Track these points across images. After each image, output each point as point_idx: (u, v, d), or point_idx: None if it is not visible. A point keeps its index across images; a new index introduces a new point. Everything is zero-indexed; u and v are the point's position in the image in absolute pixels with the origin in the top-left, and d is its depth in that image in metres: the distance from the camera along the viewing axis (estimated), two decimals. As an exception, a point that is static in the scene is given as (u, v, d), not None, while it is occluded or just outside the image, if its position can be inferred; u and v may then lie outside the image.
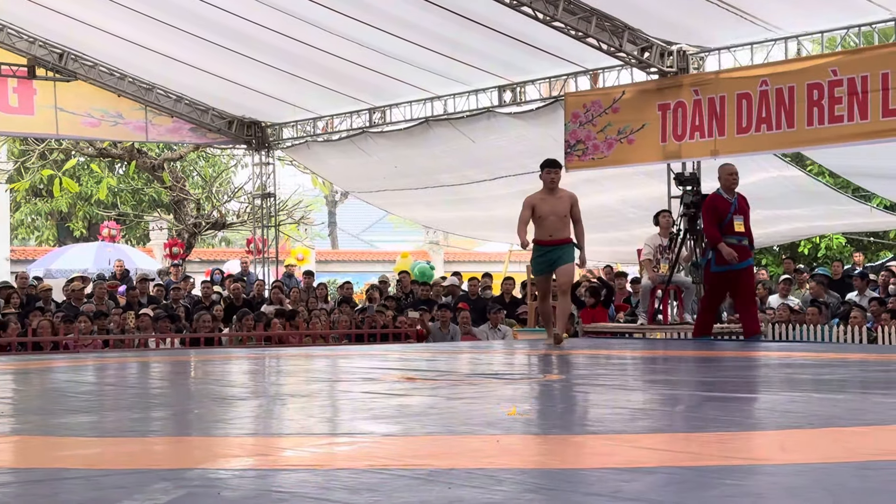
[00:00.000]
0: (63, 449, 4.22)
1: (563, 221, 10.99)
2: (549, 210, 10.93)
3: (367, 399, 5.98)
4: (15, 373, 8.95)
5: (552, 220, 10.93)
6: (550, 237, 10.96)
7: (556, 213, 10.93)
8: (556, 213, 10.93)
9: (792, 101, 13.70)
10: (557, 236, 10.98)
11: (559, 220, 10.96)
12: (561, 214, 10.96)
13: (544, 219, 10.95)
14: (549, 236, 10.96)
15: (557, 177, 11.08)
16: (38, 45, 19.52)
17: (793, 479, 3.28)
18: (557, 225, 10.96)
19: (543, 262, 11.07)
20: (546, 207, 10.94)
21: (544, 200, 10.97)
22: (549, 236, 10.96)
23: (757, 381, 6.96)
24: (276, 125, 21.92)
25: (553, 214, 10.93)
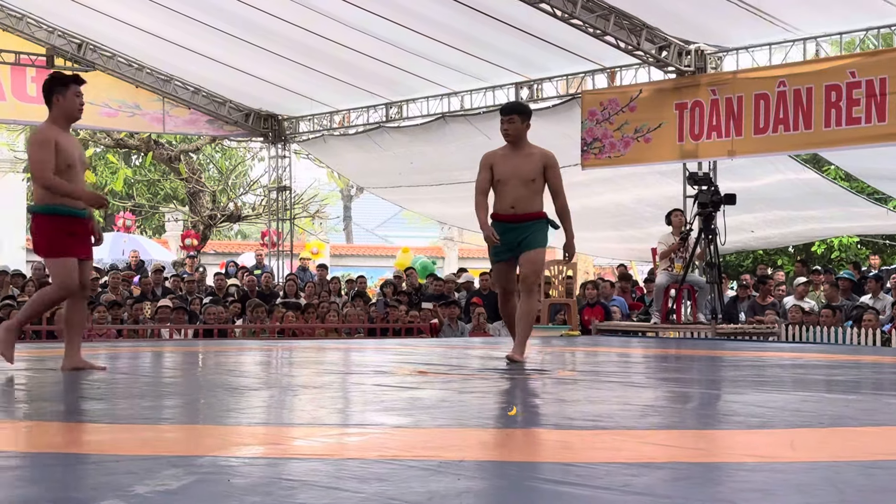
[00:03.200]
0: (75, 435, 4.25)
1: (529, 188, 7.93)
2: (510, 171, 7.93)
3: (378, 391, 5.99)
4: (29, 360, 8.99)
5: (514, 186, 7.93)
6: (513, 209, 7.94)
7: (520, 176, 7.91)
8: (520, 176, 7.91)
9: (809, 103, 13.67)
10: (522, 209, 7.94)
11: (524, 185, 7.92)
12: (527, 178, 7.92)
13: (504, 183, 7.95)
14: (510, 208, 7.95)
15: (513, 127, 8.00)
16: (57, 35, 19.59)
17: (801, 476, 3.28)
18: (522, 192, 7.93)
19: (503, 245, 7.96)
20: (506, 167, 7.95)
21: (506, 159, 7.99)
22: (510, 208, 7.95)
23: (768, 381, 6.95)
24: (292, 118, 21.95)
25: (516, 177, 7.92)
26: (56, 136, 6.87)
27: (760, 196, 16.91)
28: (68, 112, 7.02)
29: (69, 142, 7.00)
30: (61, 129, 6.98)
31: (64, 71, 7.20)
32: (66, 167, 6.85)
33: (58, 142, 6.85)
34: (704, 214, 13.42)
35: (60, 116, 7.01)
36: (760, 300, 15.91)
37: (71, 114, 7.03)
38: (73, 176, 6.93)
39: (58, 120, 7.01)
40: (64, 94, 6.99)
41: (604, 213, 19.45)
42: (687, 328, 13.92)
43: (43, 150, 6.82)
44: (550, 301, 15.01)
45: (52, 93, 7.01)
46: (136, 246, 25.09)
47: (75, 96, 7.02)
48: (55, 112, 7.00)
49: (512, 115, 8.03)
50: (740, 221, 16.20)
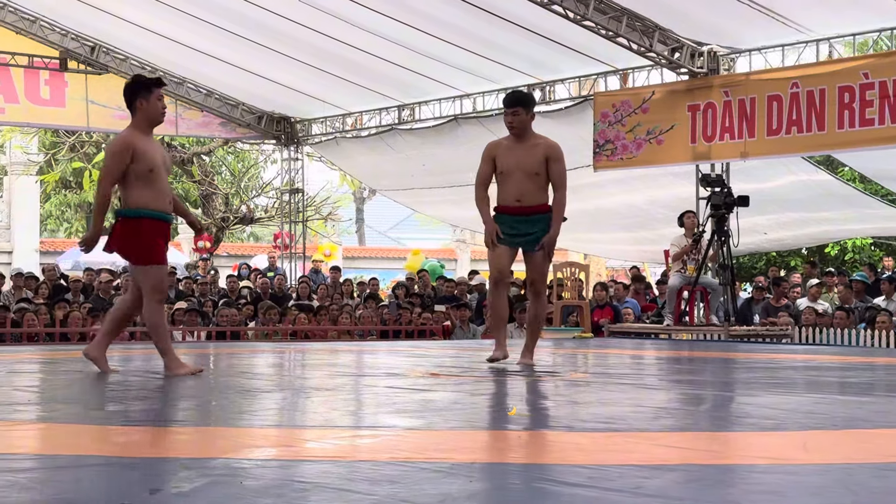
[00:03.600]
0: (88, 437, 4.25)
1: (535, 182, 7.66)
2: (513, 163, 7.66)
3: (390, 393, 5.99)
4: (41, 362, 9.02)
5: (519, 179, 7.65)
6: (518, 202, 7.68)
7: (525, 169, 7.64)
8: (525, 169, 7.64)
9: (823, 104, 13.65)
10: (529, 202, 7.67)
11: (529, 178, 7.65)
12: (531, 171, 7.64)
13: (508, 176, 7.69)
14: (515, 201, 7.69)
15: (517, 119, 7.71)
16: (70, 38, 19.64)
17: (814, 478, 3.28)
18: (527, 185, 7.65)
19: (508, 234, 7.74)
20: (510, 159, 7.68)
21: (509, 150, 7.71)
22: (515, 201, 7.69)
23: (781, 383, 6.94)
24: (305, 121, 21.97)
25: (520, 170, 7.64)
26: (136, 143, 6.81)
27: (773, 198, 16.88)
28: (152, 116, 6.95)
29: (151, 147, 6.93)
30: (143, 135, 6.91)
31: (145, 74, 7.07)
32: (148, 171, 6.80)
33: (137, 148, 6.79)
34: (717, 216, 13.41)
35: (143, 121, 6.93)
36: (774, 302, 15.88)
37: (154, 118, 6.96)
38: (156, 179, 6.88)
39: (140, 125, 6.93)
40: (148, 99, 6.90)
41: (616, 214, 19.44)
42: (700, 330, 13.91)
43: (113, 160, 6.81)
44: (563, 303, 14.99)
45: (136, 97, 6.93)
46: (149, 248, 25.06)
47: (158, 100, 6.96)
48: (139, 117, 6.93)
49: (516, 107, 7.72)
50: (753, 223, 16.17)
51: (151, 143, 7.00)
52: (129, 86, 7.03)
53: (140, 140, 6.86)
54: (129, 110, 7.00)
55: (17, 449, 3.98)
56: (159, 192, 6.92)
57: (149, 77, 7.11)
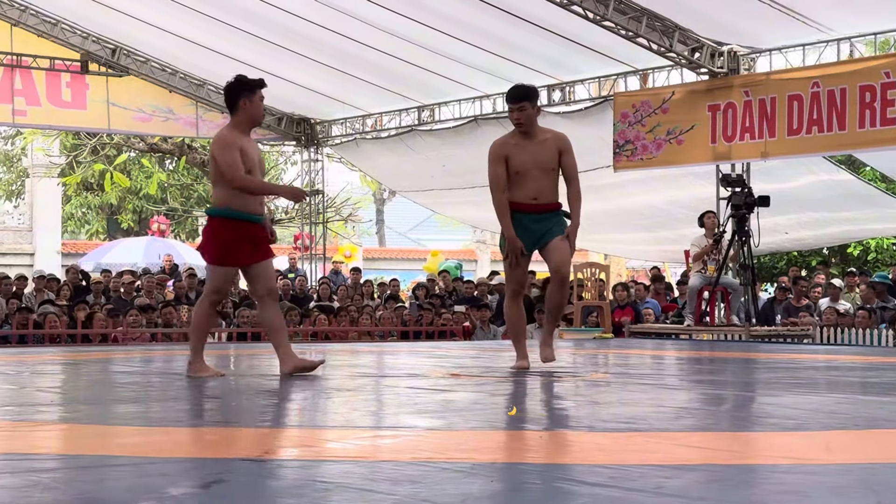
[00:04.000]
0: (110, 437, 4.27)
1: (550, 178, 7.44)
2: (528, 161, 7.36)
3: (411, 394, 6.00)
4: (65, 364, 9.06)
5: (535, 177, 7.36)
6: (535, 200, 7.39)
7: (541, 166, 7.37)
8: (541, 166, 7.37)
9: (843, 103, 13.60)
10: (545, 199, 7.42)
11: (545, 175, 7.40)
12: (547, 167, 7.39)
13: (524, 175, 7.37)
14: (532, 199, 7.39)
15: (524, 115, 7.39)
16: (92, 41, 19.71)
17: (837, 478, 3.27)
18: (544, 183, 7.40)
19: (526, 239, 7.41)
20: (524, 157, 7.37)
21: (520, 148, 7.38)
22: (532, 199, 7.39)
23: (803, 383, 6.92)
24: (325, 122, 21.99)
25: (536, 168, 7.36)
26: (239, 141, 6.78)
27: (794, 197, 16.83)
28: (254, 117, 6.91)
29: (250, 146, 6.90)
30: (242, 134, 6.89)
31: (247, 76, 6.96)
32: (246, 173, 6.77)
33: (242, 146, 6.77)
34: (738, 216, 13.38)
35: (245, 121, 6.90)
36: (795, 302, 15.84)
37: (256, 118, 6.94)
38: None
39: (241, 124, 6.90)
40: (251, 99, 6.86)
41: (636, 214, 19.41)
42: (720, 330, 13.88)
43: (230, 153, 6.73)
44: (583, 303, 14.98)
45: (239, 97, 6.87)
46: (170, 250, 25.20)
47: (260, 101, 6.92)
48: (240, 116, 6.88)
49: (522, 102, 7.37)
50: (774, 223, 16.12)
51: (251, 143, 6.96)
52: (232, 85, 6.97)
53: (241, 139, 6.83)
54: (230, 109, 6.94)
55: (41, 449, 4.01)
56: (244, 199, 6.84)
57: (252, 79, 7.01)
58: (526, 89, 7.52)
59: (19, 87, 19.55)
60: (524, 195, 7.37)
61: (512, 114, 7.43)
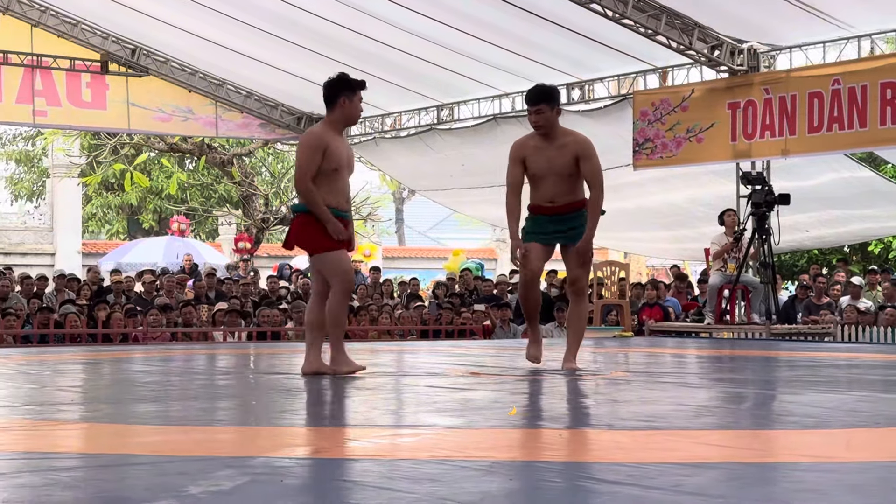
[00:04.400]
0: (130, 436, 4.28)
1: (568, 182, 7.25)
2: (544, 165, 7.21)
3: (431, 392, 6.00)
4: (85, 363, 9.09)
5: (552, 182, 7.23)
6: (552, 204, 7.29)
7: (557, 171, 7.21)
8: (557, 171, 7.21)
9: (864, 101, 13.55)
10: (562, 201, 7.28)
11: (562, 180, 7.23)
12: (563, 173, 7.21)
13: (541, 178, 7.27)
14: (549, 202, 7.29)
15: (542, 118, 7.20)
16: (111, 41, 19.77)
17: (857, 476, 3.25)
18: (561, 188, 7.25)
19: (542, 232, 7.38)
20: (541, 162, 7.22)
21: (538, 151, 7.23)
22: (549, 202, 7.29)
23: (823, 381, 6.90)
24: (344, 121, 21.97)
25: (552, 173, 7.21)
26: (329, 140, 6.77)
27: (815, 195, 16.78)
28: (350, 116, 6.91)
29: (340, 145, 6.88)
30: (335, 133, 6.88)
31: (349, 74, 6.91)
32: (333, 171, 6.76)
33: (329, 145, 6.75)
34: (758, 214, 13.34)
35: (340, 120, 6.89)
36: (816, 300, 15.78)
37: (351, 119, 6.94)
38: (339, 178, 6.83)
39: (335, 123, 6.89)
40: (351, 99, 6.85)
41: (656, 213, 19.37)
42: (741, 329, 13.84)
43: (311, 154, 6.74)
44: (603, 302, 14.96)
45: (339, 94, 6.85)
46: (190, 249, 25.27)
47: (359, 101, 6.91)
48: (336, 114, 6.87)
49: (539, 104, 7.17)
50: (795, 221, 16.08)
51: (342, 141, 6.95)
52: (334, 82, 6.94)
53: (332, 137, 6.82)
54: (327, 105, 6.92)
55: (61, 448, 4.02)
56: (338, 191, 6.84)
57: (354, 79, 6.98)
58: (544, 91, 7.31)
59: (40, 87, 19.62)
60: (541, 198, 7.32)
61: (530, 116, 7.28)
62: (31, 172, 37.67)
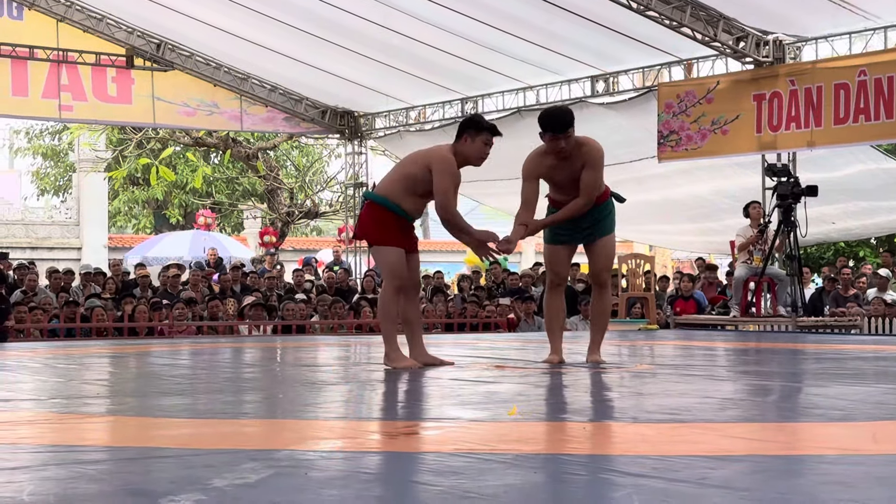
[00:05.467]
0: (156, 429, 4.30)
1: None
2: (565, 178, 7.21)
3: (455, 386, 6.00)
4: (111, 356, 9.12)
5: (573, 186, 7.20)
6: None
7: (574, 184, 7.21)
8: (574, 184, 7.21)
9: (891, 92, 13.48)
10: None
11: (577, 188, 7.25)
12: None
13: (560, 187, 7.28)
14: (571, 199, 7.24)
15: (569, 142, 7.03)
16: (137, 36, 19.84)
17: (883, 469, 3.24)
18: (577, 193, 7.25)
19: (565, 230, 7.38)
20: (559, 176, 7.23)
21: (555, 168, 7.19)
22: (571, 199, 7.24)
23: (850, 373, 6.86)
24: (368, 115, 22.03)
25: (569, 185, 7.21)
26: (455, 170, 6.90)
27: (841, 187, 16.70)
28: (469, 154, 6.96)
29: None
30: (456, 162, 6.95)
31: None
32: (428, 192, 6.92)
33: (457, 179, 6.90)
34: (784, 206, 13.28)
35: (461, 154, 6.95)
36: (843, 292, 15.72)
37: (470, 158, 6.98)
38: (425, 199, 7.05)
39: (457, 154, 6.96)
40: (474, 138, 6.91)
41: (681, 205, 19.32)
42: (767, 321, 13.79)
43: (450, 180, 6.84)
44: (628, 294, 14.93)
45: (465, 131, 6.94)
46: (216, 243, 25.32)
47: (484, 144, 6.94)
48: (457, 147, 6.96)
49: (567, 129, 6.97)
50: (820, 213, 16.01)
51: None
52: (465, 119, 7.11)
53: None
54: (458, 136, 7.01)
55: (87, 441, 4.04)
56: (419, 205, 7.01)
57: (488, 122, 7.05)
58: (566, 116, 7.06)
59: (65, 82, 19.71)
60: (562, 198, 7.28)
61: (556, 142, 7.00)
62: (58, 167, 37.82)
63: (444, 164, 6.88)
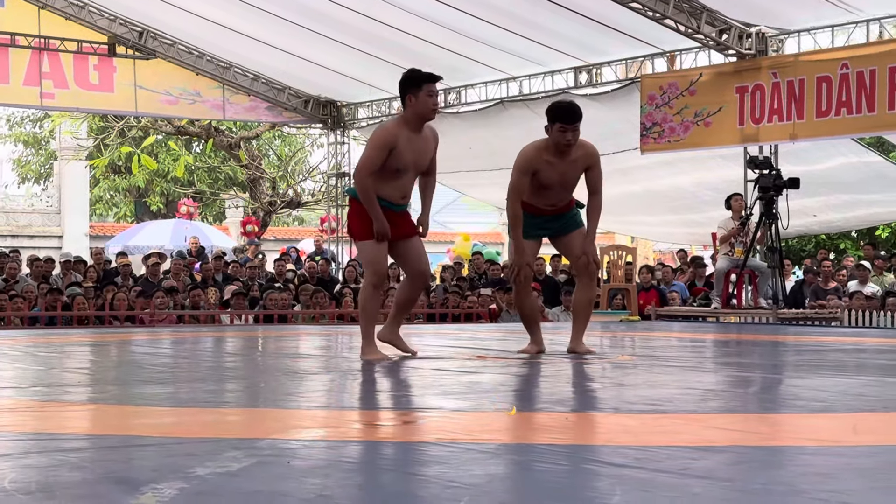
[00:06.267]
0: (138, 417, 4.29)
1: (570, 190, 7.36)
2: (556, 179, 7.17)
3: (437, 376, 6.00)
4: (92, 345, 9.10)
5: (558, 192, 7.25)
6: (552, 206, 7.34)
7: (567, 184, 7.25)
8: (567, 184, 7.25)
9: (873, 85, 13.51)
10: (562, 204, 7.36)
11: (567, 190, 7.31)
12: (571, 185, 7.30)
13: (548, 189, 7.22)
14: (550, 206, 7.32)
15: (576, 136, 7.06)
16: (119, 24, 19.75)
17: (864, 460, 3.25)
18: (564, 195, 7.32)
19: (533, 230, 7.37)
20: (553, 176, 7.16)
21: (552, 166, 7.12)
22: (550, 206, 7.32)
23: (830, 365, 6.89)
24: (351, 105, 21.99)
25: (562, 186, 7.23)
26: (399, 140, 6.73)
27: (823, 180, 16.75)
28: (420, 112, 6.84)
29: (410, 146, 6.82)
30: (409, 131, 6.82)
31: (419, 69, 6.86)
32: (395, 171, 6.77)
33: (398, 146, 6.72)
34: (765, 198, 13.32)
35: (411, 117, 6.84)
36: (823, 285, 15.77)
37: (423, 114, 6.85)
38: (399, 178, 6.84)
39: (409, 120, 6.84)
40: (416, 95, 6.80)
41: (663, 197, 19.35)
42: (748, 313, 13.83)
43: (375, 151, 6.73)
44: (609, 286, 14.95)
45: (405, 93, 6.84)
46: (197, 232, 25.28)
47: (427, 96, 6.82)
48: (407, 112, 6.84)
49: (577, 122, 7.03)
50: (802, 205, 16.05)
51: (413, 141, 6.85)
52: (400, 80, 6.95)
53: (402, 137, 6.77)
54: (402, 103, 6.91)
55: (69, 429, 4.03)
56: (395, 187, 6.87)
57: (420, 73, 6.91)
58: (578, 108, 7.17)
59: (47, 70, 19.62)
60: (543, 203, 7.27)
61: (565, 134, 7.00)
62: (39, 155, 37.67)
63: (371, 137, 6.89)
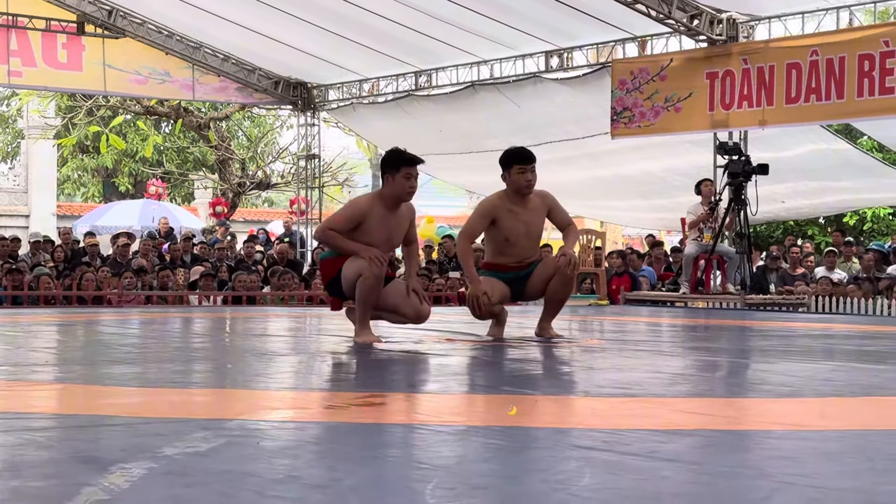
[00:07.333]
0: (105, 397, 4.27)
1: (537, 241, 7.40)
2: (521, 231, 7.15)
3: (406, 358, 6.00)
4: (59, 325, 9.06)
5: (524, 247, 7.20)
6: (519, 263, 7.24)
7: (532, 234, 7.23)
8: (532, 234, 7.23)
9: (842, 72, 13.57)
10: (529, 259, 7.26)
11: (533, 241, 7.28)
12: (537, 235, 7.33)
13: (514, 242, 7.15)
14: (517, 262, 7.23)
15: (535, 176, 7.05)
16: (88, 2, 19.61)
17: (831, 444, 3.27)
18: (532, 248, 7.27)
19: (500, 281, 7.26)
20: (517, 227, 7.13)
21: (513, 216, 7.10)
22: (517, 262, 7.23)
23: (798, 351, 6.93)
24: (322, 86, 21.93)
25: (528, 237, 7.20)
26: (368, 216, 6.74)
27: (791, 166, 16.82)
28: (396, 194, 6.79)
29: (384, 223, 6.79)
30: (385, 208, 6.79)
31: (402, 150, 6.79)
32: (365, 243, 6.73)
33: (366, 221, 6.73)
34: (735, 184, 13.37)
35: (387, 196, 6.81)
36: (791, 270, 15.84)
37: (399, 196, 6.80)
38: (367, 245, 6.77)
39: (385, 198, 6.83)
40: (394, 177, 6.77)
41: (633, 182, 19.39)
42: (716, 298, 13.89)
43: (342, 218, 6.82)
44: (578, 270, 14.97)
45: (384, 171, 6.83)
46: (166, 213, 25.21)
47: (405, 178, 6.76)
48: (385, 190, 6.83)
49: (533, 162, 7.06)
50: (771, 191, 16.12)
51: (387, 219, 6.82)
52: (382, 159, 6.96)
53: (374, 215, 6.77)
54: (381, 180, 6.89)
55: (36, 409, 4.00)
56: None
57: (403, 155, 6.86)
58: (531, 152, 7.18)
59: (15, 47, 19.47)
60: (509, 259, 7.20)
61: (524, 175, 7.01)
62: (6, 133, 37.42)
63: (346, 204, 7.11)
